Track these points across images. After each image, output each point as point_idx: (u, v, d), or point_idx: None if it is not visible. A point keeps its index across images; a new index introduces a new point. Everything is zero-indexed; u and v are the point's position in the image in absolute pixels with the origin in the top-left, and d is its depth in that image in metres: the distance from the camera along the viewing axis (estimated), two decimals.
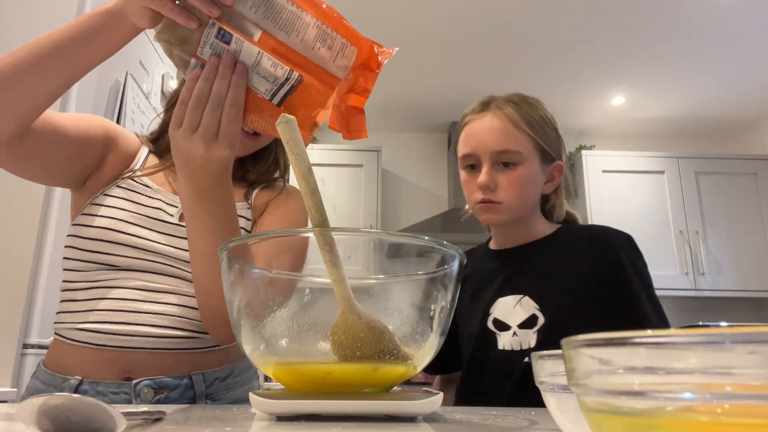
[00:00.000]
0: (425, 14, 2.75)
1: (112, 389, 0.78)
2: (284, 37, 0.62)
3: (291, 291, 0.61)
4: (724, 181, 3.50)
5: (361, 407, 0.49)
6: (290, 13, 0.61)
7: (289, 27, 0.62)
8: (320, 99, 0.63)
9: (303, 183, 0.53)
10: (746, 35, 2.86)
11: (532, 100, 1.05)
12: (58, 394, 0.36)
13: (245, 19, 0.62)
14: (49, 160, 0.83)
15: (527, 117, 1.00)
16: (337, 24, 0.62)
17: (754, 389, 0.17)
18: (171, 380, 0.81)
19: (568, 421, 0.36)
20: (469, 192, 1.02)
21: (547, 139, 1.02)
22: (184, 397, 0.82)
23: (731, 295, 3.34)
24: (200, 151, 0.67)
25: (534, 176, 1.00)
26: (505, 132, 0.98)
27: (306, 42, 0.62)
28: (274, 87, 0.64)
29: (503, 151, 0.97)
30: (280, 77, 0.63)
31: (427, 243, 0.56)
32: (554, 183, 1.07)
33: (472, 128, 1.02)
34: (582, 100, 3.56)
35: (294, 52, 0.62)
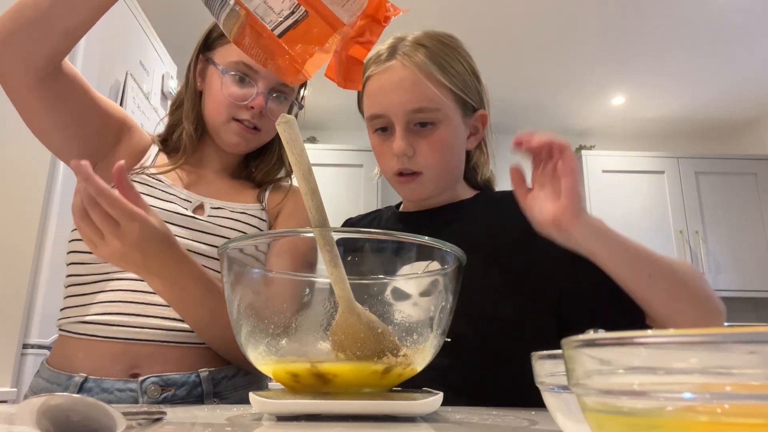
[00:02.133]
0: (425, 14, 2.75)
1: (118, 386, 0.77)
2: None
3: (291, 291, 0.61)
4: (724, 181, 3.50)
5: (361, 407, 0.49)
6: None
7: None
8: (320, 38, 0.62)
9: (303, 183, 0.53)
10: (746, 35, 2.86)
11: (448, 40, 0.87)
12: (58, 394, 0.36)
13: None
14: (74, 113, 0.84)
15: (442, 64, 0.82)
16: None
17: (754, 389, 0.17)
18: (178, 377, 0.80)
19: (568, 421, 0.36)
20: (384, 160, 0.86)
21: (468, 88, 0.85)
22: (191, 395, 0.80)
23: (731, 295, 3.34)
24: (118, 246, 0.65)
25: (457, 134, 0.85)
26: (419, 86, 0.81)
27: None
28: (279, 18, 0.62)
29: (418, 109, 0.81)
30: (285, 9, 0.61)
31: (427, 243, 0.56)
32: (478, 136, 0.92)
33: (377, 83, 0.83)
34: (582, 100, 3.56)
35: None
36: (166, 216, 0.86)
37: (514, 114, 3.70)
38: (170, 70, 2.26)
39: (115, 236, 0.65)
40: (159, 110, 2.05)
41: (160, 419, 0.49)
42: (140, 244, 0.66)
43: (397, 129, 0.82)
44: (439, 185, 0.88)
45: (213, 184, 0.97)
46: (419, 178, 0.85)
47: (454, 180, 0.92)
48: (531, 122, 3.82)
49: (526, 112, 3.68)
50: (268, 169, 1.02)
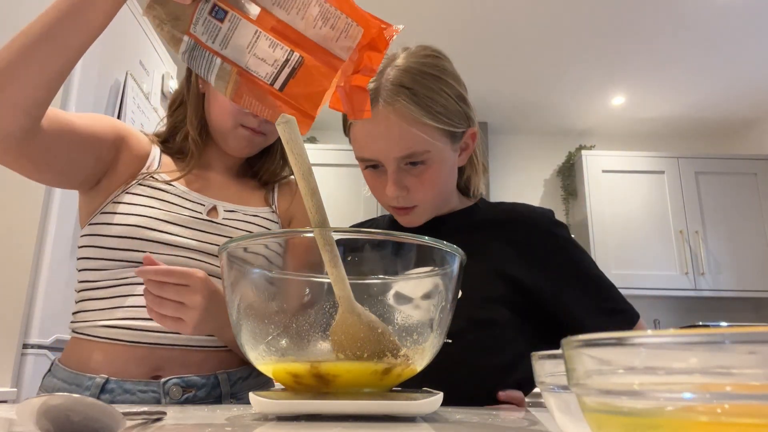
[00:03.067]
0: (425, 14, 2.75)
1: (140, 387, 0.79)
2: (284, 15, 0.58)
3: (290, 291, 0.61)
4: (724, 181, 3.50)
5: (361, 407, 0.49)
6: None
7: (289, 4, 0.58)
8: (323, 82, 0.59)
9: (303, 183, 0.53)
10: (746, 35, 2.86)
11: (430, 69, 0.83)
12: (59, 394, 0.36)
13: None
14: (62, 160, 0.82)
15: (427, 104, 0.81)
16: (341, 2, 0.59)
17: (754, 389, 0.17)
18: (198, 379, 0.82)
19: (568, 421, 0.36)
20: (378, 194, 0.89)
21: (453, 118, 0.84)
22: (210, 396, 0.83)
23: (731, 295, 3.34)
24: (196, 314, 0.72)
25: (447, 166, 0.87)
26: (405, 135, 0.80)
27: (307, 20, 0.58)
28: (274, 70, 0.59)
29: (407, 156, 0.82)
30: (279, 59, 0.58)
31: (427, 243, 0.56)
32: (468, 151, 0.93)
33: (364, 130, 0.84)
34: (582, 100, 3.56)
35: (294, 31, 0.58)
36: (183, 220, 0.86)
37: (514, 114, 3.70)
38: (170, 70, 2.26)
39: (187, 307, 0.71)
40: (159, 110, 2.05)
41: (160, 419, 0.49)
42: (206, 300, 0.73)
43: (388, 173, 0.84)
44: (434, 211, 0.92)
45: (221, 186, 0.97)
46: (415, 209, 0.88)
47: (448, 199, 0.95)
48: (531, 122, 3.82)
49: (526, 112, 3.68)
50: (273, 168, 1.03)
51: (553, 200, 3.89)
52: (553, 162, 3.96)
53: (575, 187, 3.74)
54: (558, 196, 3.87)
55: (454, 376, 0.78)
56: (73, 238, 1.52)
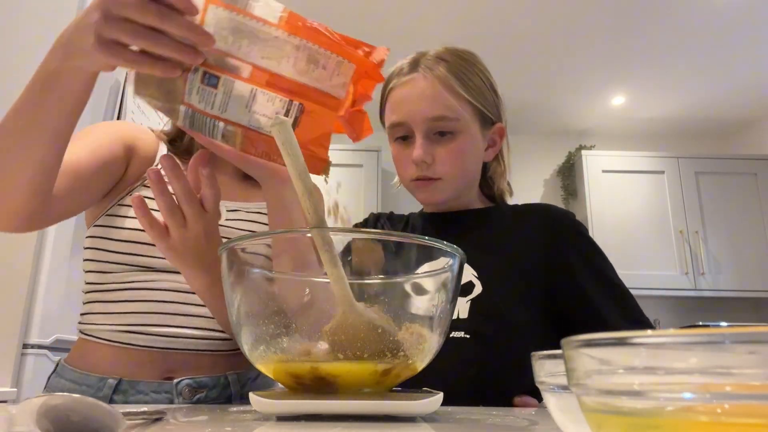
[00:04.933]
0: (426, 14, 2.75)
1: (153, 388, 0.80)
2: (275, 67, 0.57)
3: (290, 291, 0.61)
4: (724, 181, 3.50)
5: (361, 407, 0.49)
6: (276, 41, 0.55)
7: (279, 55, 0.56)
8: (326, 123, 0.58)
9: (299, 184, 0.53)
10: (746, 35, 2.86)
11: (467, 56, 0.90)
12: (59, 394, 0.36)
13: (229, 56, 0.56)
14: (78, 201, 0.80)
15: (462, 77, 0.86)
16: (329, 42, 0.57)
17: (754, 389, 0.17)
18: (209, 380, 0.84)
19: (568, 421, 0.36)
20: (403, 167, 0.90)
21: (486, 101, 0.88)
22: (221, 396, 0.84)
23: (731, 295, 3.34)
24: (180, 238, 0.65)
25: (474, 145, 0.88)
26: (439, 97, 0.84)
27: (299, 68, 0.57)
28: None
29: (438, 117, 0.84)
30: (280, 111, 0.58)
31: (427, 243, 0.56)
32: (496, 148, 0.94)
33: (400, 93, 0.87)
34: (582, 100, 3.56)
35: (288, 80, 0.57)
36: None
37: (515, 114, 3.70)
38: None
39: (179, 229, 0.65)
40: None
41: (160, 419, 0.49)
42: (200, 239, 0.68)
43: (417, 137, 0.85)
44: (454, 192, 0.91)
45: (226, 185, 0.96)
46: (436, 183, 0.88)
47: (470, 187, 0.95)
48: (531, 122, 3.82)
49: (526, 112, 3.68)
50: None
51: (553, 200, 3.89)
52: (553, 162, 3.96)
53: (575, 187, 3.74)
54: (558, 196, 3.87)
55: (469, 372, 0.79)
56: (73, 239, 1.52)
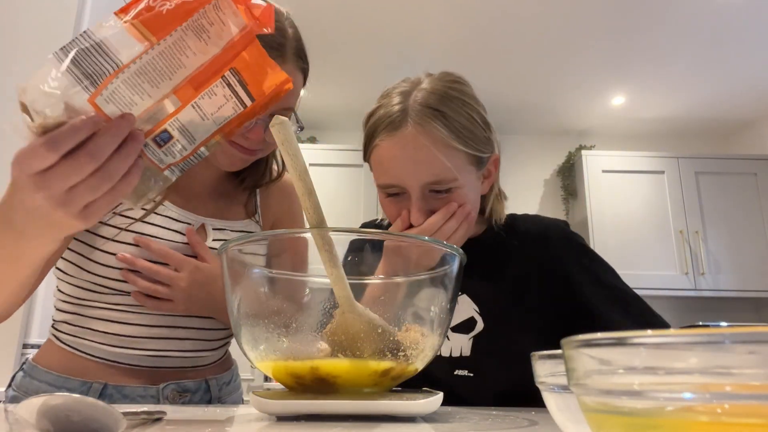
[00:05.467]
0: (425, 14, 2.75)
1: (139, 392, 0.81)
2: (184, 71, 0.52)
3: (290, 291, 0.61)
4: (724, 181, 3.50)
5: (361, 407, 0.49)
6: (159, 56, 0.49)
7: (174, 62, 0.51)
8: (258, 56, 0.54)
9: (299, 183, 0.53)
10: (746, 35, 2.86)
11: (455, 92, 0.82)
12: (58, 394, 0.36)
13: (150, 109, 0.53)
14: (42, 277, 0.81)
15: (454, 127, 0.79)
16: (185, 5, 0.50)
17: (754, 389, 0.17)
18: (193, 384, 0.86)
19: (568, 421, 0.36)
20: (395, 220, 0.83)
21: (479, 144, 0.82)
22: (203, 400, 0.88)
23: (731, 295, 3.34)
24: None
25: (472, 192, 0.84)
26: (434, 161, 0.78)
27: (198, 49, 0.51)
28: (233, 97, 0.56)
29: (434, 182, 0.79)
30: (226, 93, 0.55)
31: (427, 243, 0.56)
32: (491, 179, 0.90)
33: (390, 152, 0.80)
34: (582, 100, 3.56)
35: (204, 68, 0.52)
36: (174, 246, 0.83)
37: (514, 114, 3.70)
38: None
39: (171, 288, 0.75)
40: None
41: (160, 419, 0.49)
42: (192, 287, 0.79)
43: (413, 200, 0.80)
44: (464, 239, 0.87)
45: (207, 201, 0.93)
46: None
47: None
48: (531, 122, 3.82)
49: (526, 111, 3.68)
50: (257, 178, 0.99)
51: (553, 200, 3.89)
52: (553, 162, 3.96)
53: (575, 187, 3.74)
54: (558, 196, 3.87)
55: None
56: None
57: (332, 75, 3.27)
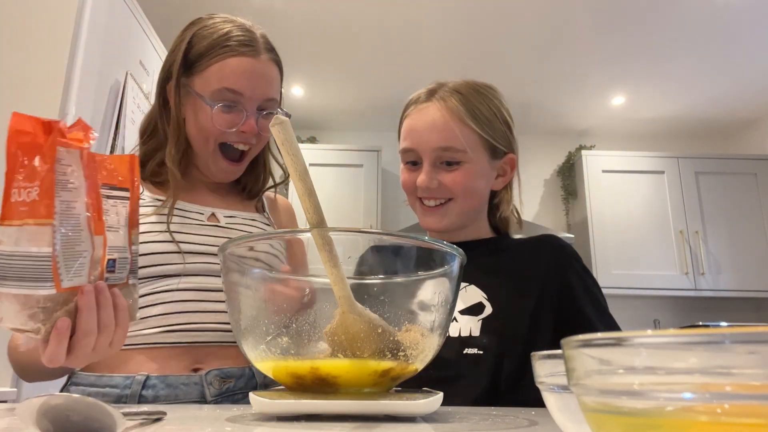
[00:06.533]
0: (425, 14, 2.75)
1: (182, 381, 0.81)
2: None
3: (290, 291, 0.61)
4: (724, 181, 3.50)
5: (361, 407, 0.49)
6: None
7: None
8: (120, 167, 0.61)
9: (299, 184, 0.53)
10: (746, 35, 2.86)
11: (484, 89, 0.94)
12: (58, 394, 0.36)
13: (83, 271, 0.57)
14: None
15: (473, 109, 0.89)
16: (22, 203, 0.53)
17: (754, 389, 0.17)
18: (236, 370, 0.86)
19: (568, 421, 0.36)
20: (410, 191, 0.93)
21: (495, 133, 0.91)
22: (248, 386, 0.87)
23: (731, 295, 3.33)
24: None
25: (481, 175, 0.91)
26: (448, 128, 0.88)
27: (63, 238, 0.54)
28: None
29: (445, 148, 0.88)
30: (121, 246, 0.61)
31: (427, 243, 0.56)
32: (506, 178, 0.96)
33: (413, 120, 0.92)
34: (582, 100, 3.56)
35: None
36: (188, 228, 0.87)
37: (515, 114, 3.69)
38: None
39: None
40: None
41: (160, 419, 0.49)
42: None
43: (424, 164, 0.90)
44: (460, 218, 0.93)
45: (211, 198, 0.97)
46: (442, 209, 0.91)
47: (476, 216, 0.97)
48: (531, 122, 3.82)
49: (526, 111, 3.68)
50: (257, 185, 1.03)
51: (553, 200, 3.89)
52: (553, 162, 3.96)
53: (575, 187, 3.74)
54: (558, 196, 3.87)
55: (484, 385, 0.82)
56: None
57: (332, 75, 3.27)
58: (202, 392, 0.81)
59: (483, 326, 0.87)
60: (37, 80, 1.53)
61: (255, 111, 0.90)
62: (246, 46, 0.89)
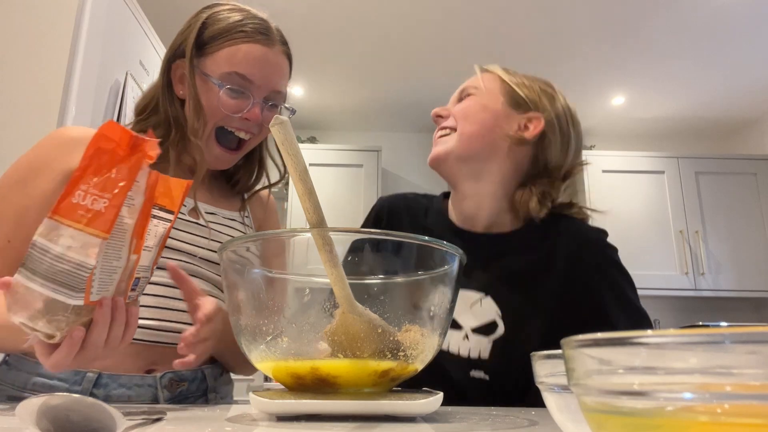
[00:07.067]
0: (426, 13, 2.75)
1: (136, 381, 0.79)
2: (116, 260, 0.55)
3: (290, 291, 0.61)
4: (724, 181, 3.50)
5: (361, 407, 0.49)
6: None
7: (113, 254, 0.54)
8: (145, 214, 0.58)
9: (299, 184, 0.53)
10: (746, 35, 2.86)
11: (535, 76, 1.04)
12: (58, 394, 0.36)
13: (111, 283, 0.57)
14: None
15: (507, 70, 1.00)
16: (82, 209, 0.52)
17: (754, 389, 0.17)
18: (189, 373, 0.85)
19: (568, 421, 0.36)
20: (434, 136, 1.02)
21: (523, 88, 0.96)
22: (199, 390, 0.87)
23: (731, 295, 3.33)
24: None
25: (485, 104, 0.95)
26: (476, 78, 1.00)
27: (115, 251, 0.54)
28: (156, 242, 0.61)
29: (464, 88, 1.00)
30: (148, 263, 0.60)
31: (427, 243, 0.56)
32: (528, 133, 0.93)
33: None
34: (582, 100, 3.55)
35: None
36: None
37: None
38: None
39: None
40: None
41: (160, 419, 0.49)
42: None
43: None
44: (460, 146, 0.92)
45: (201, 190, 0.95)
46: (445, 139, 0.95)
47: (480, 154, 0.93)
48: None
49: None
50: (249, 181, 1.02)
51: None
52: None
53: (575, 187, 3.74)
54: None
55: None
56: None
57: (332, 75, 3.26)
58: (156, 395, 0.80)
59: (493, 348, 0.85)
60: (37, 80, 1.53)
61: (261, 100, 0.89)
62: (261, 34, 0.88)
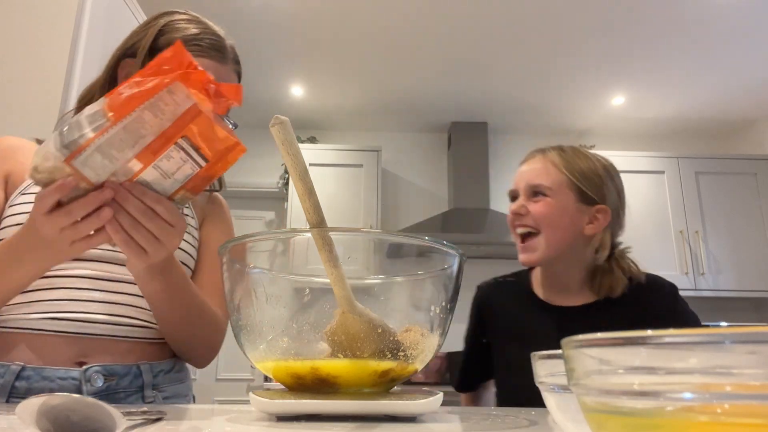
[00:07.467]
0: (425, 14, 2.75)
1: (59, 375, 0.77)
2: (142, 142, 0.60)
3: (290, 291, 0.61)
4: (724, 181, 3.50)
5: (361, 407, 0.49)
6: (122, 131, 0.58)
7: (135, 136, 0.59)
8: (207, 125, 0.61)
9: (300, 184, 0.53)
10: (746, 35, 2.86)
11: (583, 151, 1.12)
12: (58, 394, 0.36)
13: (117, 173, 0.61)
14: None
15: (568, 160, 1.08)
16: (146, 88, 0.58)
17: (754, 389, 0.17)
18: (121, 368, 0.82)
19: (568, 421, 0.36)
20: (511, 225, 1.12)
21: (586, 182, 1.07)
22: (132, 385, 0.83)
23: (731, 295, 3.33)
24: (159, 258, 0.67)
25: (564, 207, 1.06)
26: (542, 170, 1.09)
27: (153, 125, 0.59)
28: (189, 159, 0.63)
29: (535, 185, 1.08)
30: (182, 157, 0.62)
31: (427, 243, 0.56)
32: (596, 225, 1.08)
33: (520, 169, 1.16)
34: (582, 100, 3.55)
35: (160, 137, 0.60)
36: None
37: (515, 114, 3.70)
38: None
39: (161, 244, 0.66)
40: None
41: (160, 419, 0.49)
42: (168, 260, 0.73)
43: (520, 196, 1.11)
44: (549, 251, 1.06)
45: None
46: (532, 243, 1.07)
47: (565, 252, 1.07)
48: (531, 122, 3.82)
49: (526, 111, 3.68)
50: None
51: None
52: None
53: None
54: None
55: None
56: None
57: (332, 75, 3.27)
58: (80, 388, 0.78)
59: None
60: (37, 79, 1.53)
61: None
62: (216, 50, 0.89)
